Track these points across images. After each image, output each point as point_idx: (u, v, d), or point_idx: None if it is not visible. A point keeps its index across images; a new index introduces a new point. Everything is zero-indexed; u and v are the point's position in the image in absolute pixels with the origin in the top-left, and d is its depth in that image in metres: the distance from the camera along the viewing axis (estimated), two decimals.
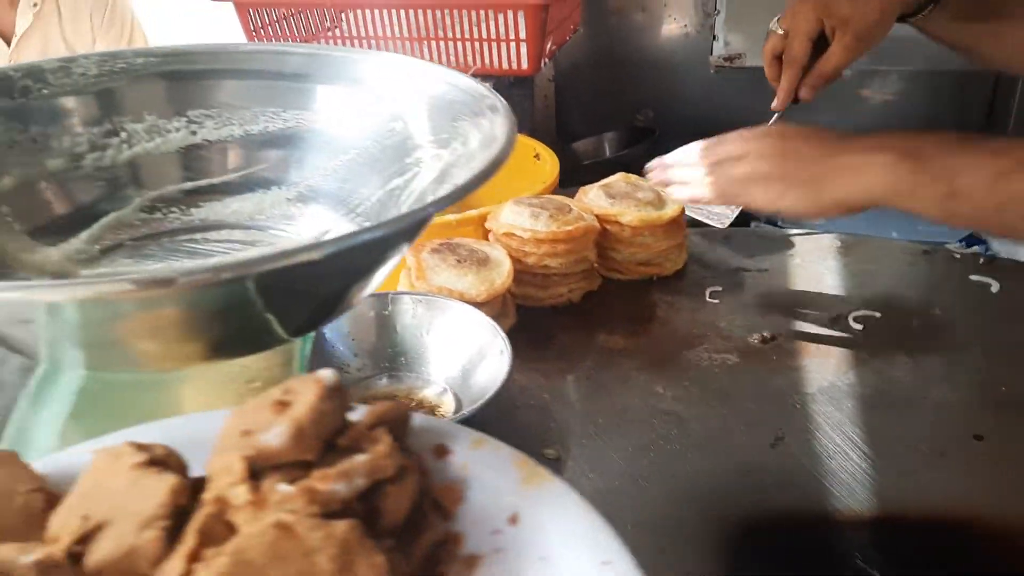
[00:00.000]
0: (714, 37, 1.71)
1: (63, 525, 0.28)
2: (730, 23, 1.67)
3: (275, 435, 0.26)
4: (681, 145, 0.80)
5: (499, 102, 0.46)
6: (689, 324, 0.83)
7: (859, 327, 0.81)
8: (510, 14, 1.24)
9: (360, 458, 0.27)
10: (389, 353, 0.72)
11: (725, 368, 0.76)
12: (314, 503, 0.26)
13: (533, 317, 0.84)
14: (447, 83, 0.50)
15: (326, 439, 0.27)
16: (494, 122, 0.45)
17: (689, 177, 0.76)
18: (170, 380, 0.42)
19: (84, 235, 0.50)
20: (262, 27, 1.37)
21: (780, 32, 0.85)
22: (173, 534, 0.27)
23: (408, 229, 0.40)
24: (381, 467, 0.27)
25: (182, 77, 0.55)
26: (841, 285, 0.89)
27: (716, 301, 0.86)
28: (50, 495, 0.30)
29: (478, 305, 0.72)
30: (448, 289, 0.77)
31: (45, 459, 0.31)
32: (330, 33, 1.41)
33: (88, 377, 0.41)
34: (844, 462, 0.65)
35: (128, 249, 0.51)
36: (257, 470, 0.27)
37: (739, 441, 0.67)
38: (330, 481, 0.26)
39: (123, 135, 0.54)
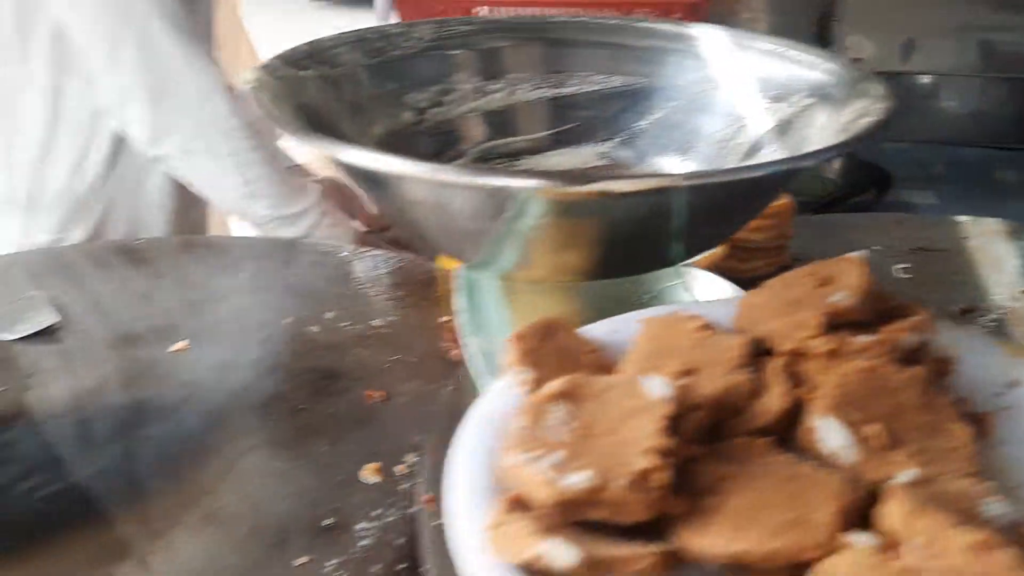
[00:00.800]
0: (831, 41, 1.75)
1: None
2: (850, 26, 1.71)
3: (843, 297, 0.32)
4: None
5: (838, 62, 0.51)
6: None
7: None
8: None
9: (916, 318, 0.32)
10: None
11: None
12: (893, 351, 0.31)
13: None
14: (777, 50, 0.55)
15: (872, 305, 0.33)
16: (839, 76, 0.50)
17: None
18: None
19: None
20: None
21: None
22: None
23: None
24: (931, 327, 0.32)
25: (508, 43, 0.61)
26: (1021, 263, 0.93)
27: (909, 276, 0.90)
28: (601, 358, 0.35)
29: None
30: None
31: (582, 329, 0.36)
32: None
33: (502, 286, 0.47)
34: None
35: None
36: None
37: None
38: (903, 333, 0.31)
39: (455, 94, 0.60)
